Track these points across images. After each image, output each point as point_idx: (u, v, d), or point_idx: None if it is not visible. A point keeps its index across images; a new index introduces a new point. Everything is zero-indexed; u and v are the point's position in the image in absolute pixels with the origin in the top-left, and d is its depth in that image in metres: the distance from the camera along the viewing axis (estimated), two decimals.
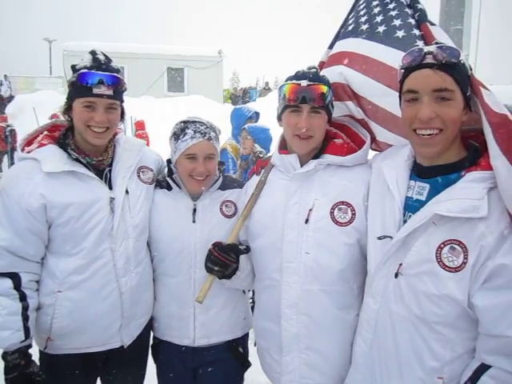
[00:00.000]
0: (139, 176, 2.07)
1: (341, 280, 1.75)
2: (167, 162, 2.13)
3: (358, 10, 1.94)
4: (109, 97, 1.83)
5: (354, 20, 1.93)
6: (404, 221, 1.50)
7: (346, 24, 1.99)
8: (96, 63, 1.83)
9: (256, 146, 4.52)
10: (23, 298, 1.80)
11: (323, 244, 1.74)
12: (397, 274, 1.46)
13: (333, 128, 1.91)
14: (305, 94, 1.71)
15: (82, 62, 1.84)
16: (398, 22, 1.76)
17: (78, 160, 1.90)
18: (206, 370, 2.12)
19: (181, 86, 22.77)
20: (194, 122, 2.01)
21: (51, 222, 1.85)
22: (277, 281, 1.81)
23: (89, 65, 1.82)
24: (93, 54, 1.86)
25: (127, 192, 1.98)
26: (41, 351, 1.98)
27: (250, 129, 4.60)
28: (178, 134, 1.99)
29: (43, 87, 22.92)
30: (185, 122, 2.02)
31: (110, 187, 1.96)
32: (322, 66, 1.99)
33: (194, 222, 2.04)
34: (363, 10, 1.91)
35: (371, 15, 1.86)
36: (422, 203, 1.45)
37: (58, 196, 1.82)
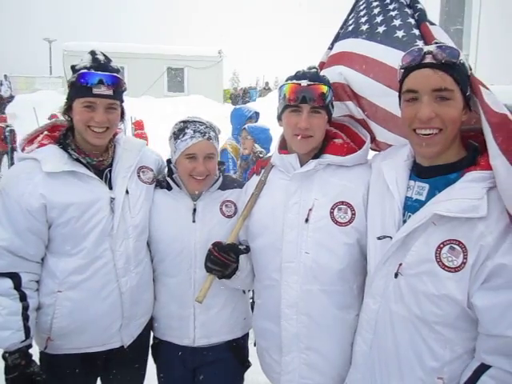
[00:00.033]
0: (139, 176, 2.07)
1: (340, 280, 1.75)
2: (167, 162, 2.14)
3: (358, 10, 1.94)
4: (109, 97, 1.83)
5: (353, 20, 1.94)
6: (404, 221, 1.50)
7: (345, 25, 1.99)
8: (96, 63, 1.83)
9: (256, 146, 4.53)
10: (23, 297, 1.80)
11: (323, 244, 1.74)
12: (396, 274, 1.46)
13: (333, 128, 1.91)
14: (305, 93, 1.71)
15: (82, 62, 1.84)
16: (397, 22, 1.76)
17: (78, 160, 1.90)
18: (206, 370, 2.12)
19: (181, 86, 22.77)
20: (193, 121, 2.01)
21: (51, 222, 1.85)
22: (276, 281, 1.81)
23: (88, 65, 1.82)
24: (92, 54, 1.86)
25: (127, 192, 1.98)
26: (41, 351, 1.98)
27: (250, 129, 4.60)
28: (177, 133, 2.00)
29: (43, 87, 22.92)
30: (184, 121, 2.02)
31: (110, 187, 1.96)
32: (322, 66, 1.99)
33: (193, 221, 2.04)
34: (363, 10, 1.91)
35: (371, 15, 1.86)
36: (421, 203, 1.46)
37: (58, 196, 1.82)
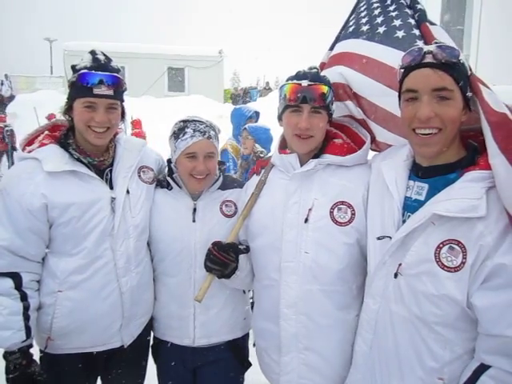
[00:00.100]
0: (140, 176, 2.08)
1: (340, 280, 1.75)
2: (167, 162, 2.14)
3: (359, 11, 1.95)
4: (109, 97, 1.83)
5: (354, 21, 1.94)
6: (403, 221, 1.50)
7: (346, 26, 1.99)
8: (96, 63, 1.83)
9: (257, 146, 4.53)
10: (24, 297, 1.81)
11: (322, 244, 1.74)
12: (396, 274, 1.46)
13: (333, 128, 1.91)
14: (305, 93, 1.71)
15: (82, 62, 1.84)
16: (398, 23, 1.76)
17: (79, 160, 1.90)
18: (206, 370, 2.12)
19: (181, 86, 22.75)
20: (193, 121, 2.01)
21: (52, 222, 1.85)
22: (276, 281, 1.80)
23: (89, 65, 1.82)
24: (93, 53, 1.86)
25: (128, 192, 1.98)
26: (41, 351, 1.98)
27: (250, 129, 4.60)
28: (177, 133, 2.00)
29: (44, 87, 22.92)
30: (184, 121, 2.03)
31: (111, 187, 1.96)
32: (323, 66, 1.99)
33: (193, 221, 2.04)
34: (364, 11, 1.92)
35: (372, 16, 1.86)
36: (420, 203, 1.45)
37: (59, 196, 1.83)
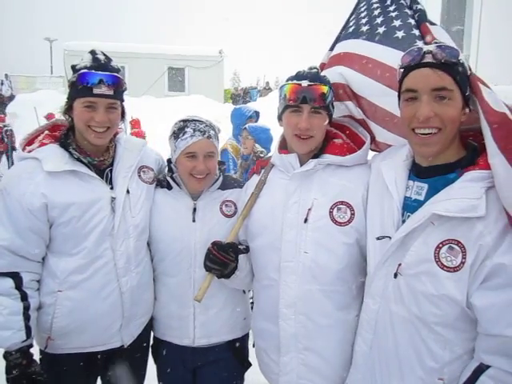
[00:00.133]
0: (140, 176, 2.08)
1: (339, 280, 1.75)
2: (167, 162, 2.14)
3: (359, 12, 1.95)
4: (109, 96, 1.83)
5: (354, 22, 1.94)
6: (403, 221, 1.50)
7: (346, 26, 2.00)
8: (96, 63, 1.83)
9: (257, 145, 4.53)
10: (24, 297, 1.81)
11: (322, 243, 1.74)
12: (396, 275, 1.46)
13: (333, 128, 1.91)
14: (305, 94, 1.71)
15: (82, 61, 1.84)
16: (397, 23, 1.76)
17: (79, 160, 1.90)
18: (206, 370, 2.12)
19: (181, 86, 22.74)
20: (193, 120, 2.01)
21: (52, 222, 1.85)
22: (275, 280, 1.80)
23: (89, 65, 1.82)
24: (93, 53, 1.86)
25: (128, 192, 1.98)
26: (41, 351, 1.98)
27: (250, 129, 4.61)
28: (177, 132, 2.00)
29: (44, 87, 22.93)
30: (184, 120, 2.03)
31: (111, 187, 1.96)
32: (323, 67, 1.99)
33: (193, 221, 2.04)
34: (364, 11, 1.92)
35: (371, 17, 1.86)
36: (420, 203, 1.45)
37: (59, 195, 1.83)
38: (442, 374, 1.40)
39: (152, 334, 2.24)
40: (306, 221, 1.75)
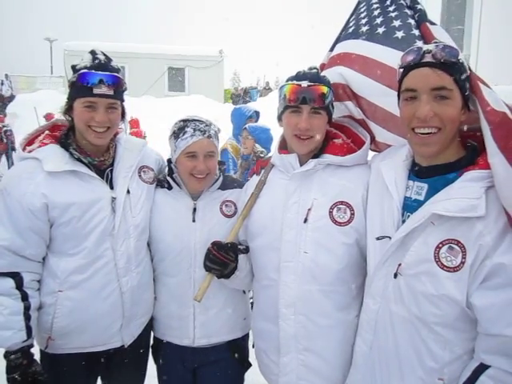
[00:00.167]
0: (140, 176, 2.08)
1: (339, 280, 1.75)
2: (168, 162, 2.14)
3: (359, 12, 1.95)
4: (109, 96, 1.84)
5: (354, 22, 1.95)
6: (403, 221, 1.50)
7: (346, 26, 2.00)
8: (96, 63, 1.83)
9: (257, 145, 4.53)
10: (25, 297, 1.81)
11: (322, 244, 1.74)
12: (396, 275, 1.46)
13: (333, 128, 1.91)
14: (305, 94, 1.71)
15: (82, 61, 1.84)
16: (397, 23, 1.76)
17: (79, 160, 1.90)
18: (207, 371, 2.12)
19: (182, 86, 22.74)
20: (193, 120, 2.02)
21: (53, 222, 1.85)
22: (275, 281, 1.80)
23: (89, 65, 1.82)
24: (93, 53, 1.86)
25: (128, 192, 1.98)
26: (42, 351, 1.98)
27: (250, 129, 4.61)
28: (177, 132, 2.00)
29: (44, 87, 22.93)
30: (184, 120, 2.03)
31: (112, 187, 1.96)
32: (323, 67, 1.99)
33: (193, 221, 2.04)
34: (364, 12, 1.92)
35: (371, 17, 1.87)
36: (420, 203, 1.45)
37: (59, 196, 1.83)
38: (442, 374, 1.39)
39: (152, 333, 2.24)
40: (305, 221, 1.75)
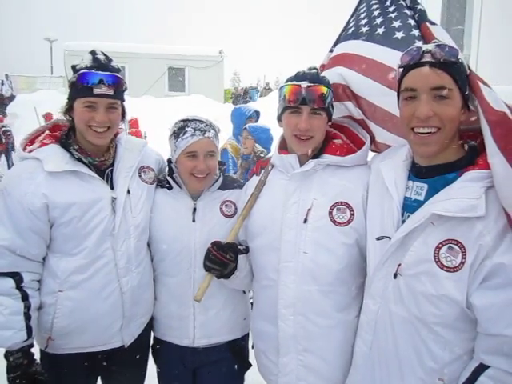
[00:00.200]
0: (140, 176, 2.08)
1: (339, 281, 1.74)
2: (168, 162, 2.14)
3: (359, 13, 1.96)
4: (109, 96, 1.84)
5: (354, 23, 1.95)
6: (403, 221, 1.50)
7: (346, 27, 2.00)
8: (96, 63, 1.83)
9: (257, 145, 4.53)
10: (25, 297, 1.81)
11: (321, 244, 1.73)
12: (396, 275, 1.46)
13: (332, 129, 1.91)
14: (305, 95, 1.71)
15: (83, 61, 1.84)
16: (397, 24, 1.76)
17: (80, 160, 1.90)
18: (207, 371, 2.12)
19: (182, 86, 22.74)
20: (193, 120, 2.02)
21: (53, 222, 1.85)
22: (274, 281, 1.80)
23: (89, 65, 1.82)
24: (93, 53, 1.86)
25: (129, 192, 1.98)
26: (42, 350, 1.98)
27: (251, 129, 4.61)
28: (177, 132, 2.00)
29: (44, 87, 22.95)
30: (184, 120, 2.03)
31: (112, 187, 1.96)
32: (323, 68, 1.99)
33: (193, 221, 2.04)
34: (363, 13, 1.93)
35: (371, 18, 1.87)
36: (420, 203, 1.45)
37: (60, 196, 1.83)
38: (442, 374, 1.39)
39: (152, 334, 2.24)
40: (305, 221, 1.75)
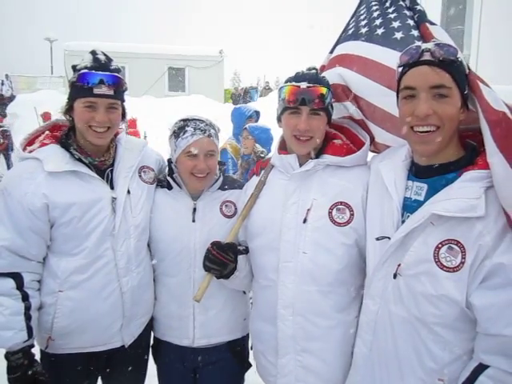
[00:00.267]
0: (140, 176, 2.08)
1: (338, 281, 1.74)
2: (168, 162, 2.14)
3: (359, 14, 1.96)
4: (109, 97, 1.84)
5: (354, 24, 1.96)
6: (402, 221, 1.49)
7: (346, 28, 2.00)
8: (96, 63, 1.84)
9: (257, 145, 4.53)
10: (25, 297, 1.81)
11: (321, 244, 1.73)
12: (395, 275, 1.45)
13: (332, 129, 1.91)
14: (304, 95, 1.71)
15: (83, 62, 1.84)
16: (396, 24, 1.77)
17: (80, 160, 1.90)
18: (207, 371, 2.12)
19: (182, 86, 22.72)
20: (193, 119, 2.02)
21: (53, 222, 1.85)
22: (273, 281, 1.80)
23: (89, 65, 1.83)
24: (93, 53, 1.86)
25: (129, 192, 1.98)
26: (42, 351, 1.98)
27: (251, 129, 4.61)
28: (177, 132, 2.00)
29: (44, 87, 22.92)
30: (184, 120, 2.03)
31: (112, 187, 1.96)
32: (323, 69, 2.00)
33: (193, 221, 2.04)
34: (363, 14, 1.93)
35: (371, 18, 1.87)
36: (420, 203, 1.45)
37: (60, 196, 1.83)
38: (442, 374, 1.39)
39: (152, 334, 2.24)
40: (305, 221, 1.74)
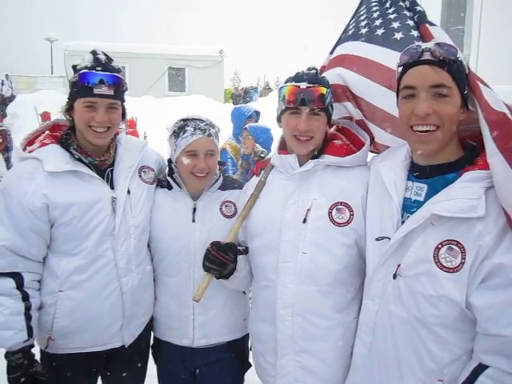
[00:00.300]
0: (141, 176, 2.08)
1: (338, 281, 1.74)
2: (168, 162, 2.14)
3: (359, 15, 1.96)
4: (110, 97, 1.84)
5: (354, 25, 1.96)
6: (402, 222, 1.49)
7: (346, 29, 2.01)
8: (97, 63, 1.84)
9: (257, 145, 4.53)
10: (26, 297, 1.81)
11: (320, 244, 1.73)
12: (395, 276, 1.45)
13: (332, 129, 1.91)
14: (304, 96, 1.71)
15: (83, 61, 1.84)
16: (396, 25, 1.77)
17: (80, 160, 1.90)
18: (206, 371, 2.12)
19: (182, 86, 22.73)
20: (193, 119, 2.02)
21: (53, 222, 1.85)
22: (273, 281, 1.80)
23: (89, 65, 1.83)
24: (93, 53, 1.86)
25: (129, 192, 1.98)
26: (42, 350, 1.98)
27: (251, 129, 4.61)
28: (177, 131, 2.00)
29: (44, 87, 22.96)
30: (184, 119, 2.03)
31: (112, 187, 1.96)
32: (323, 70, 2.00)
33: (193, 221, 2.04)
34: (363, 14, 1.94)
35: (371, 19, 1.88)
36: (420, 204, 1.45)
37: (60, 196, 1.83)
38: (442, 375, 1.39)
39: (152, 334, 2.24)
40: (304, 221, 1.74)
